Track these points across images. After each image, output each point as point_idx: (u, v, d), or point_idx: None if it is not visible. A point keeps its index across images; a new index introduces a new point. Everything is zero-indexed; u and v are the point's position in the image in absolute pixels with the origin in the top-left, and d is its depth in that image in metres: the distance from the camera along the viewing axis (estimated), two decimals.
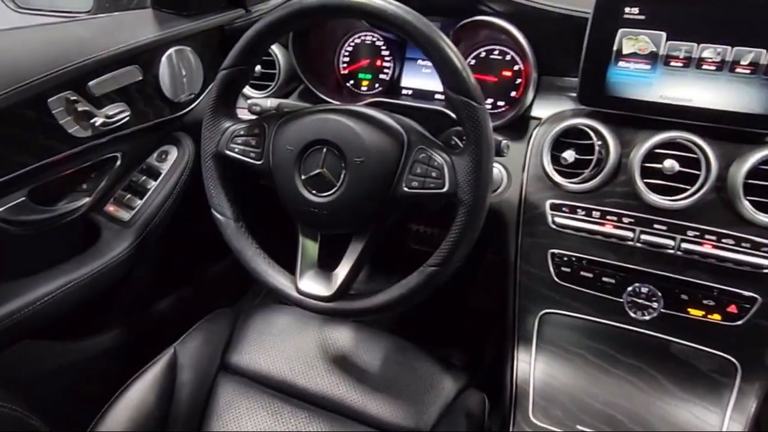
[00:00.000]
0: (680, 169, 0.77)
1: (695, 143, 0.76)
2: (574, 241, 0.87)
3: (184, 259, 1.35)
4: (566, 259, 0.89)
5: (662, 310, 0.84)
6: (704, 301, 0.82)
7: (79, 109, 0.90)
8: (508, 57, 0.97)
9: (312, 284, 0.77)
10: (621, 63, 0.79)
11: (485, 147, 0.65)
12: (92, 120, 0.92)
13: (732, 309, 0.81)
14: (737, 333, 0.82)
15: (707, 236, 0.79)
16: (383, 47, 1.08)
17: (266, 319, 0.99)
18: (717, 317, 0.82)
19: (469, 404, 0.89)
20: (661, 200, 0.79)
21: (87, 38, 0.94)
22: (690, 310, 0.83)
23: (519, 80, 0.97)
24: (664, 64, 0.77)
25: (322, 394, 0.88)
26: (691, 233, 0.80)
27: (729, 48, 0.73)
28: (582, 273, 0.88)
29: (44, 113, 0.85)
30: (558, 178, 0.86)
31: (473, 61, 0.99)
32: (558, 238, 0.88)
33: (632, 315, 0.86)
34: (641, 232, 0.82)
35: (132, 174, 1.09)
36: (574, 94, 0.86)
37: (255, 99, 0.84)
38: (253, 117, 0.81)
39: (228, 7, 1.15)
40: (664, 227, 0.81)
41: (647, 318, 0.85)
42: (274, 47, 1.08)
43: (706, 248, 0.79)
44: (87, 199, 1.01)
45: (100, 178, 1.03)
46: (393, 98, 1.03)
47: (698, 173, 0.76)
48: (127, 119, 0.98)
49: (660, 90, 0.78)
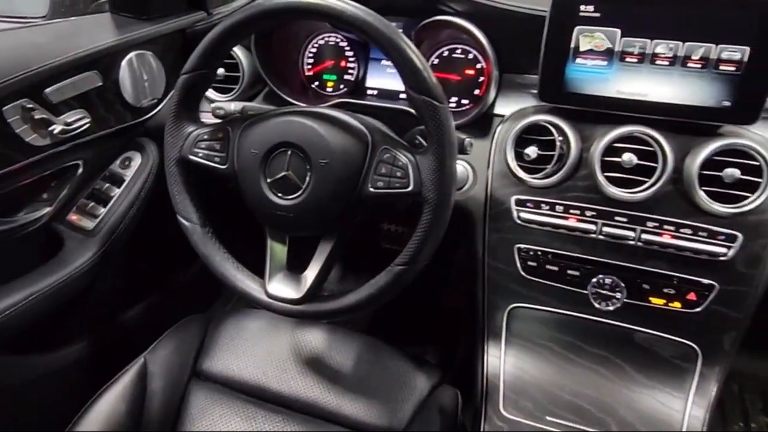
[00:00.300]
0: (638, 162, 0.79)
1: (652, 136, 0.79)
2: (540, 236, 0.89)
3: (152, 267, 1.32)
4: (532, 254, 0.90)
5: (625, 300, 0.86)
6: (665, 290, 0.84)
7: (36, 117, 0.87)
8: (471, 56, 0.98)
9: (281, 287, 0.76)
10: (578, 60, 0.81)
11: (448, 146, 0.66)
12: (50, 128, 0.89)
13: (691, 297, 0.83)
14: (697, 320, 0.84)
15: (666, 227, 0.81)
16: (347, 48, 1.08)
17: (238, 324, 0.98)
18: (677, 305, 0.85)
19: (443, 400, 0.89)
20: (621, 193, 0.81)
21: (42, 44, 0.91)
22: (651, 299, 0.86)
23: (482, 78, 0.98)
24: (620, 60, 0.79)
25: (296, 397, 0.88)
26: (651, 224, 0.82)
27: (681, 43, 0.75)
28: (548, 267, 0.90)
29: None
30: (522, 174, 0.87)
31: (436, 60, 0.99)
32: (524, 233, 0.90)
33: (597, 306, 0.88)
34: (603, 225, 0.84)
35: (95, 182, 1.06)
36: (536, 91, 0.87)
37: (219, 102, 0.83)
38: (217, 121, 0.81)
39: (189, 10, 1.13)
40: (625, 219, 0.83)
41: (611, 308, 0.87)
42: (237, 50, 1.07)
43: (665, 238, 0.81)
44: (48, 209, 0.99)
45: (62, 187, 1.00)
46: (358, 99, 1.03)
47: (655, 166, 0.79)
48: (88, 126, 0.96)
49: (617, 85, 0.80)
